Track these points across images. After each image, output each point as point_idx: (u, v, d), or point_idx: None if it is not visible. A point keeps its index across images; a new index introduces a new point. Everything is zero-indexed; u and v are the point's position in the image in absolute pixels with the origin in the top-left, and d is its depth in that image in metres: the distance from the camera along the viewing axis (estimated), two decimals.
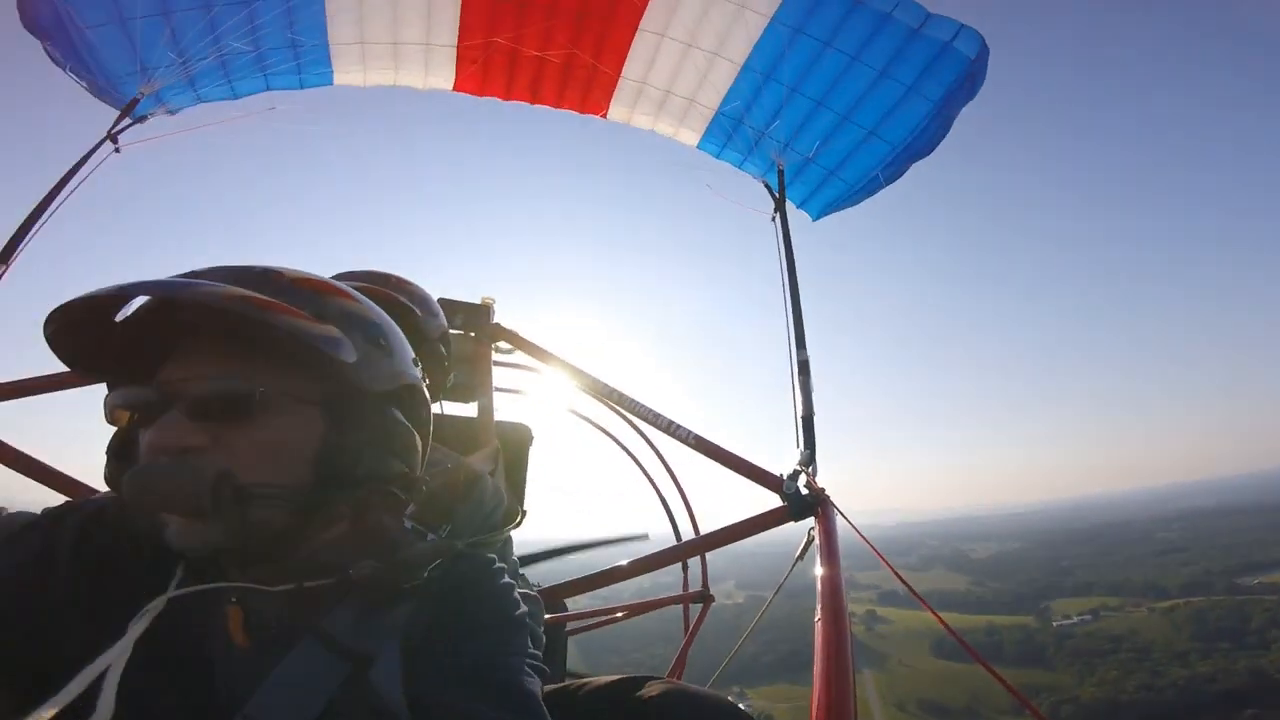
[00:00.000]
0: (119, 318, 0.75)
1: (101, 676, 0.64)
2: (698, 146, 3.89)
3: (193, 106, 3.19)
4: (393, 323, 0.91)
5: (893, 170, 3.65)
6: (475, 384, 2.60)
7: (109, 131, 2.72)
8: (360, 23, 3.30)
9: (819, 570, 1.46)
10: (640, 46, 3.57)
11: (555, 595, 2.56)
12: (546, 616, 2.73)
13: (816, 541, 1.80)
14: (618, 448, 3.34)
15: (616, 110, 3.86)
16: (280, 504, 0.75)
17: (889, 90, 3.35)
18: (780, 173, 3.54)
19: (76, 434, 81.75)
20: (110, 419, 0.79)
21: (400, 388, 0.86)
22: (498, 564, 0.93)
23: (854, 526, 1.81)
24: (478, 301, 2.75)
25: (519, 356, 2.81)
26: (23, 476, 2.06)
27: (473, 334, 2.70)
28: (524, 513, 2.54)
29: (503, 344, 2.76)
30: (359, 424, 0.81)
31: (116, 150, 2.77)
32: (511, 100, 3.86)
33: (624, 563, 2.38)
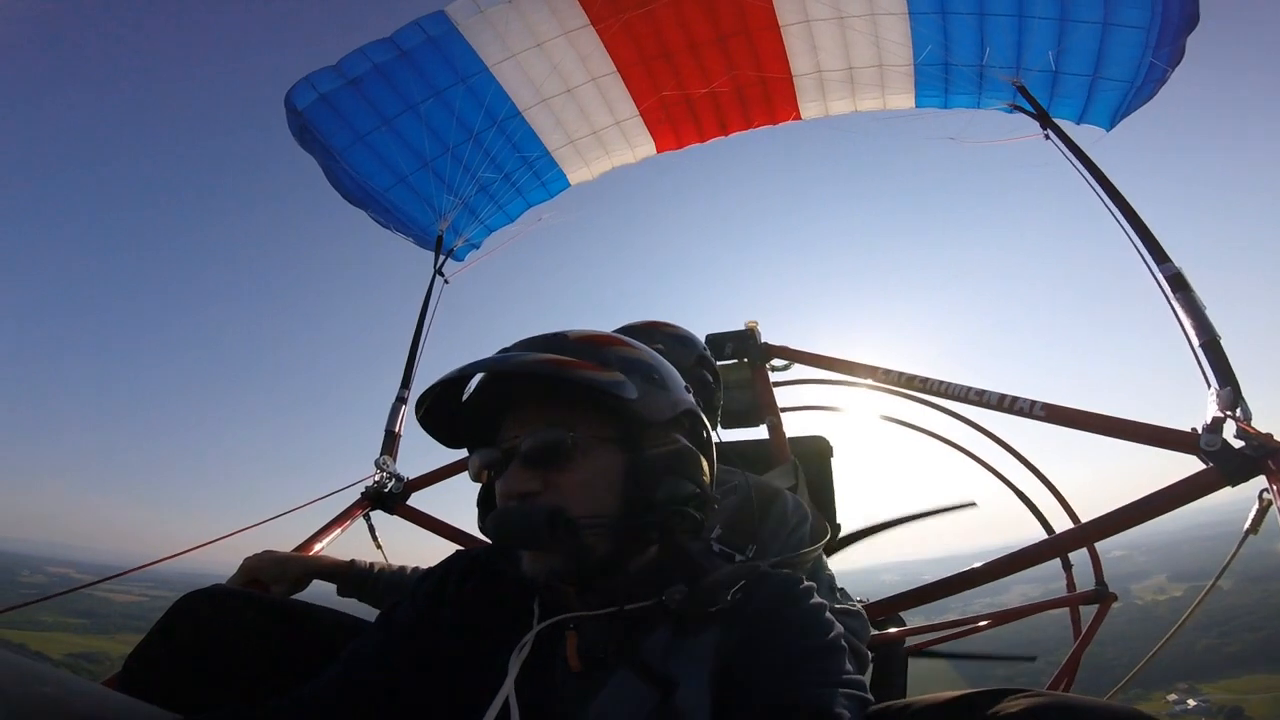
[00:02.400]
0: (465, 397, 0.94)
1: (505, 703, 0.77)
2: (916, 106, 3.65)
3: (487, 236, 3.93)
4: (663, 360, 1.01)
5: (1166, 51, 3.05)
6: (759, 406, 2.63)
7: (436, 269, 3.40)
8: (561, 126, 3.75)
9: None
10: (793, 41, 3.52)
11: (890, 609, 2.30)
12: (879, 633, 2.52)
13: (1276, 505, 1.39)
14: (935, 440, 2.95)
15: (809, 108, 3.80)
16: (602, 531, 0.85)
17: None
18: (1022, 89, 3.15)
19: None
20: (474, 477, 0.96)
21: (679, 415, 0.95)
22: (805, 584, 0.90)
23: None
24: (742, 328, 2.81)
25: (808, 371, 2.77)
26: (445, 540, 2.53)
27: (745, 359, 2.75)
28: (838, 527, 2.44)
29: (778, 361, 2.76)
30: (650, 453, 0.90)
31: (446, 282, 3.45)
32: (709, 139, 4.03)
33: (977, 565, 2.00)
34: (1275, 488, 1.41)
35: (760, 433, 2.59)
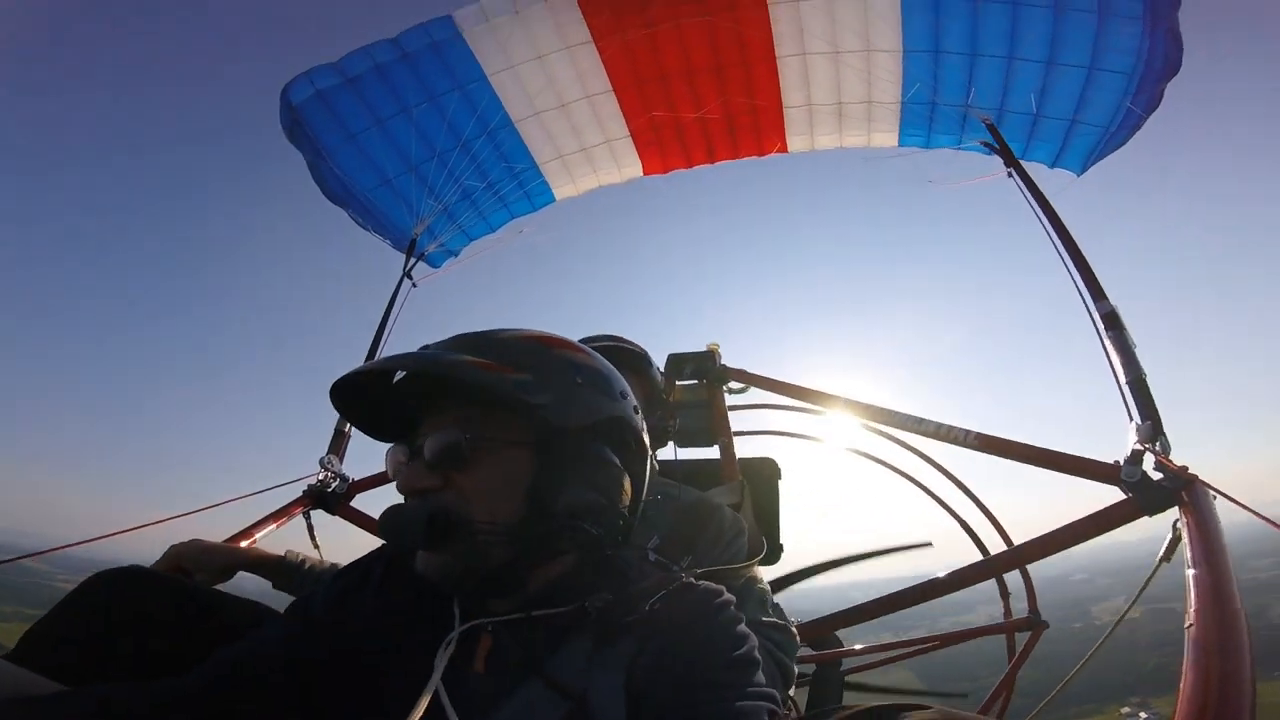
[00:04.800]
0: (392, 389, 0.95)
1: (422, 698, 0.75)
2: (900, 144, 3.71)
3: (466, 244, 4.00)
4: (598, 365, 0.96)
5: (1144, 98, 3.11)
6: (713, 427, 2.68)
7: (404, 271, 3.46)
8: (552, 140, 3.83)
9: (1191, 571, 1.19)
10: (788, 73, 3.59)
11: (824, 628, 2.36)
12: (816, 653, 2.51)
13: (1185, 538, 1.41)
14: (879, 466, 2.97)
15: (795, 141, 3.86)
16: (497, 537, 0.82)
17: (1078, 21, 3.02)
18: (991, 127, 3.24)
19: None
20: (391, 474, 0.93)
21: (601, 421, 0.90)
22: (724, 596, 0.88)
23: (1255, 512, 1.36)
24: (704, 349, 2.86)
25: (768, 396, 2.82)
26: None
27: (704, 380, 2.80)
28: (780, 547, 2.44)
29: (734, 384, 2.81)
30: (560, 460, 0.86)
31: (414, 285, 3.50)
32: (695, 167, 4.09)
33: (913, 585, 2.07)
34: (1187, 519, 1.44)
35: (716, 453, 2.60)
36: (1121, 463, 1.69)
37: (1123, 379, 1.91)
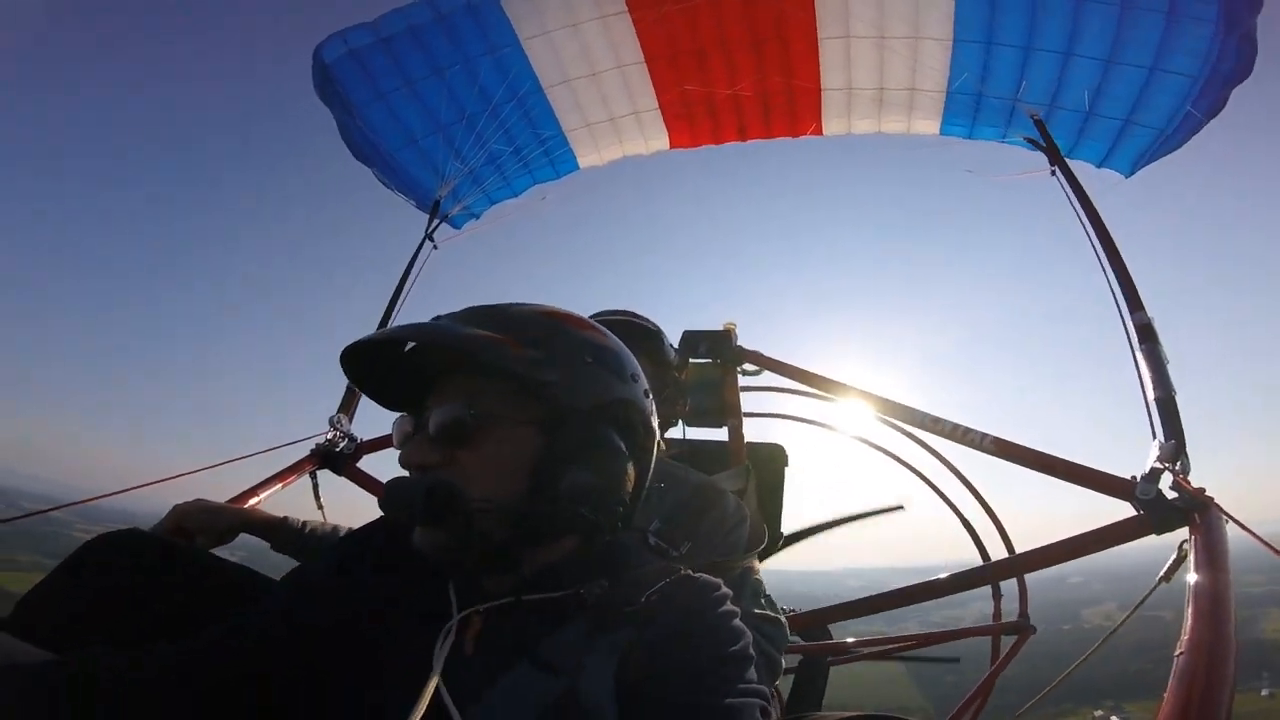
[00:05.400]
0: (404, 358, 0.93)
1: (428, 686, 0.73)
2: (941, 133, 3.59)
3: (488, 207, 4.00)
4: (610, 345, 0.94)
5: (1207, 102, 2.94)
6: (724, 407, 2.64)
7: (427, 233, 3.45)
8: (580, 109, 3.79)
9: (1191, 597, 1.16)
10: (829, 54, 3.48)
11: (818, 620, 2.38)
12: (805, 644, 2.52)
13: (1191, 560, 1.38)
14: (891, 460, 2.95)
15: (832, 124, 3.76)
16: (496, 516, 0.81)
17: (1145, 20, 2.87)
18: (1039, 123, 3.11)
19: None
20: (397, 445, 0.91)
21: (610, 402, 0.88)
22: (721, 590, 0.87)
23: (1266, 543, 1.31)
24: (720, 328, 2.82)
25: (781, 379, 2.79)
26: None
27: (718, 360, 2.76)
28: (782, 536, 2.42)
29: (749, 365, 2.76)
30: (565, 441, 0.84)
31: (435, 247, 3.51)
32: (724, 143, 4.01)
33: (911, 585, 2.08)
34: (1196, 539, 1.42)
35: (725, 434, 2.59)
36: (1138, 479, 1.65)
37: (1151, 395, 1.85)
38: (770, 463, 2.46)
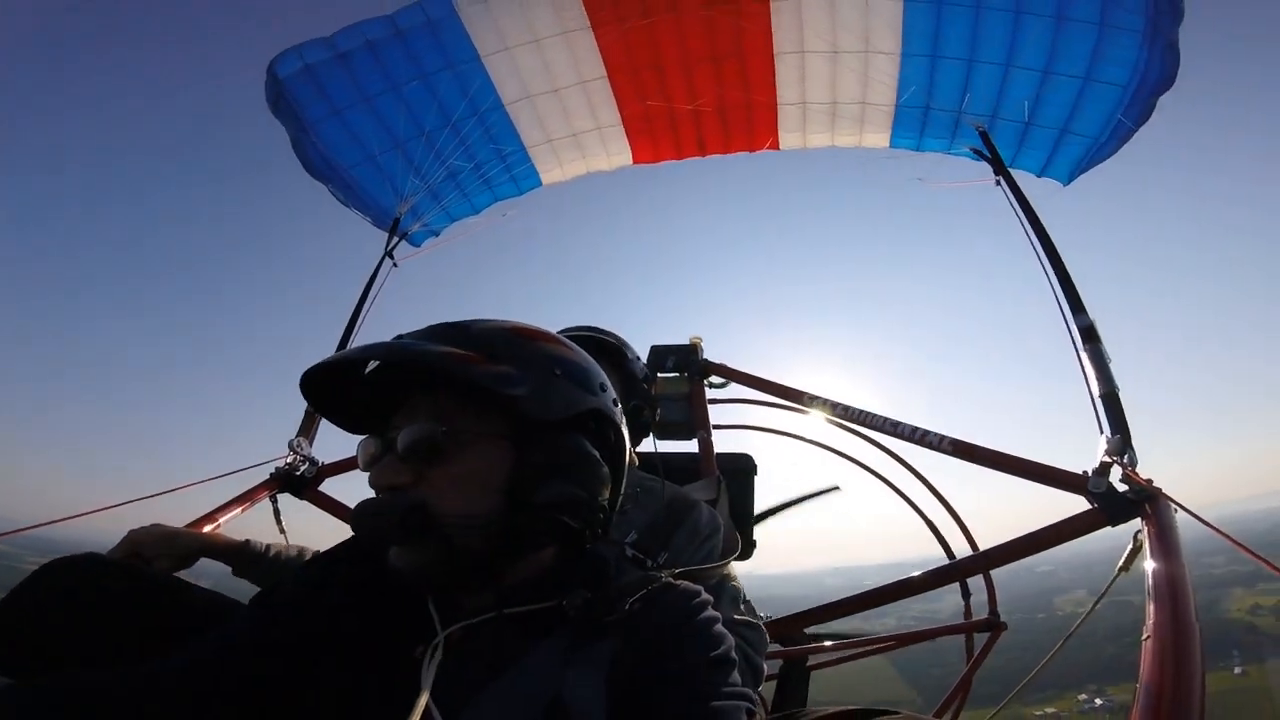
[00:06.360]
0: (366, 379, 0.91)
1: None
2: (891, 145, 3.71)
3: (448, 225, 3.95)
4: (577, 358, 0.94)
5: (1136, 110, 3.13)
6: (693, 420, 2.69)
7: (386, 250, 3.39)
8: (541, 123, 3.79)
9: (1150, 584, 1.21)
10: (784, 69, 3.57)
11: (795, 625, 2.41)
12: (783, 649, 2.56)
13: (1146, 547, 1.45)
14: (854, 465, 3.01)
15: (787, 138, 3.86)
16: (474, 531, 0.80)
17: (1078, 33, 3.03)
18: (983, 134, 3.25)
19: None
20: (363, 467, 0.89)
21: (579, 414, 0.88)
22: (703, 597, 0.89)
23: (1212, 526, 1.38)
24: (686, 342, 2.88)
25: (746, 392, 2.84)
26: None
27: (685, 373, 2.82)
28: (754, 544, 2.46)
29: (715, 378, 2.83)
30: (538, 453, 0.85)
31: (395, 265, 3.43)
32: (686, 158, 4.08)
33: (879, 585, 2.15)
34: (1149, 530, 1.48)
35: (694, 446, 2.62)
36: (1089, 473, 1.73)
37: (1096, 392, 1.94)
38: (740, 472, 2.49)
